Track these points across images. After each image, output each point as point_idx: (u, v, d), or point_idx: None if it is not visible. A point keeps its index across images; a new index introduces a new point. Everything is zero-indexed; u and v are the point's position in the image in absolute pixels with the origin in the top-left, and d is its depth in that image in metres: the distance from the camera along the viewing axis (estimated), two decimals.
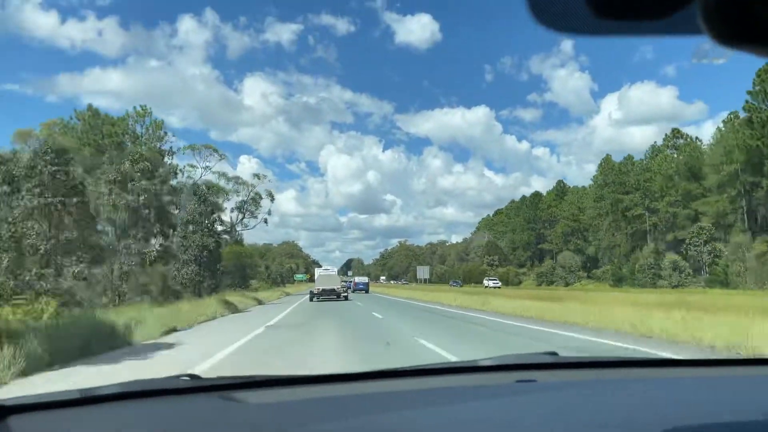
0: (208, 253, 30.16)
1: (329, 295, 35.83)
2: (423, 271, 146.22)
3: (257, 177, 55.07)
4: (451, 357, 9.17)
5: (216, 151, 53.48)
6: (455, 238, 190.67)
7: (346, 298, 37.52)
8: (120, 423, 1.34)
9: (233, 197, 54.10)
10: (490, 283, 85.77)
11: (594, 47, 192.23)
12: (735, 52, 0.51)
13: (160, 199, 21.60)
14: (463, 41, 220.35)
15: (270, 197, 56.85)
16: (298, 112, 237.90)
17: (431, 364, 2.11)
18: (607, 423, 1.28)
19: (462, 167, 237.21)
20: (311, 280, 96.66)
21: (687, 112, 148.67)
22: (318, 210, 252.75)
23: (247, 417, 1.37)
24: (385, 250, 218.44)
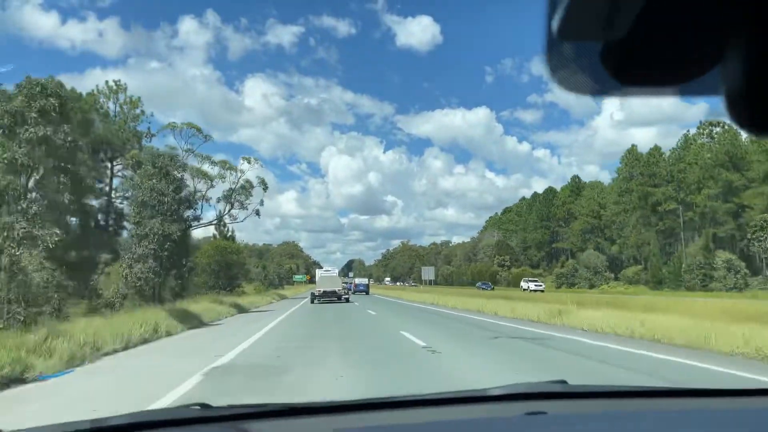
0: (172, 245, 22.57)
1: (330, 297, 35.16)
2: (428, 272, 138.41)
3: (247, 161, 47.51)
4: None
5: (199, 131, 45.98)
6: (456, 239, 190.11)
7: (347, 299, 36.52)
8: None
9: (219, 184, 46.55)
10: (531, 286, 70.63)
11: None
12: (743, 130, 0.52)
13: (73, 155, 14.24)
14: (464, 43, 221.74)
15: (262, 185, 49.23)
16: (299, 113, 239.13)
17: (442, 393, 1.99)
18: None
19: (463, 168, 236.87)
20: (311, 281, 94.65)
21: (689, 113, 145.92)
22: (319, 211, 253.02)
23: None
24: (387, 250, 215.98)
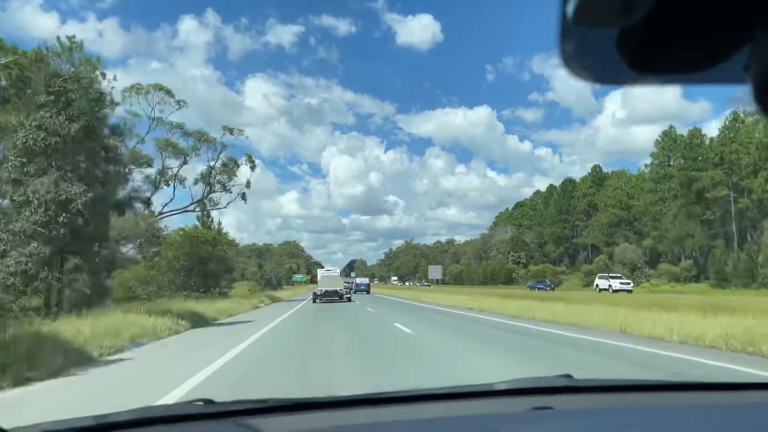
0: (75, 220, 13.58)
1: (332, 296, 34.91)
2: (435, 271, 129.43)
3: (229, 131, 38.47)
4: None
5: (170, 95, 36.97)
6: (459, 238, 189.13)
7: (349, 299, 36.00)
8: None
9: (196, 162, 37.56)
10: (614, 284, 52.76)
11: None
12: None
13: None
14: (465, 41, 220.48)
15: (249, 162, 40.20)
16: (299, 113, 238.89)
17: (446, 387, 1.92)
18: None
19: (464, 168, 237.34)
20: (312, 281, 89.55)
21: (691, 110, 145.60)
22: (320, 211, 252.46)
23: None
24: (390, 250, 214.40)
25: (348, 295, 36.97)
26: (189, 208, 38.95)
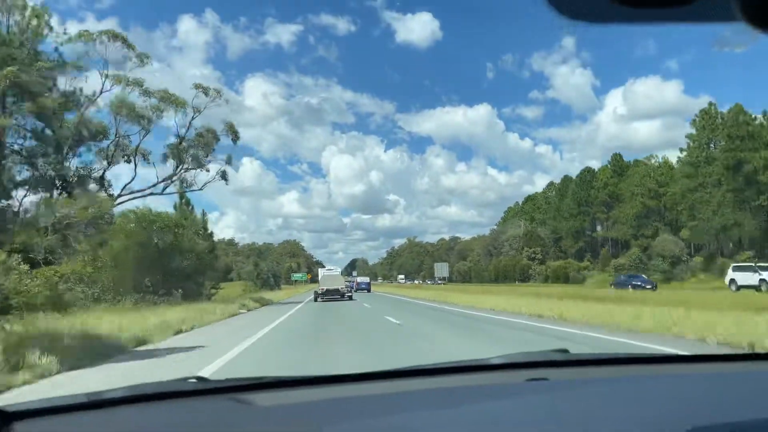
0: None
1: (333, 295, 34.98)
2: (442, 269, 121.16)
3: (203, 91, 30.58)
4: None
5: (128, 46, 29.17)
6: (463, 236, 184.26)
7: (350, 297, 36.13)
8: (128, 427, 1.36)
9: (157, 125, 29.78)
10: (763, 275, 34.42)
11: (596, 43, 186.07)
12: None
13: None
14: (464, 39, 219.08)
15: (231, 134, 32.35)
16: (299, 112, 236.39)
17: (440, 363, 1.96)
18: (624, 421, 1.25)
19: (465, 166, 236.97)
20: (313, 280, 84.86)
21: (693, 106, 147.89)
22: (321, 211, 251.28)
23: (256, 419, 1.38)
24: (392, 248, 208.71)
25: (349, 294, 36.59)
26: (158, 190, 31.14)
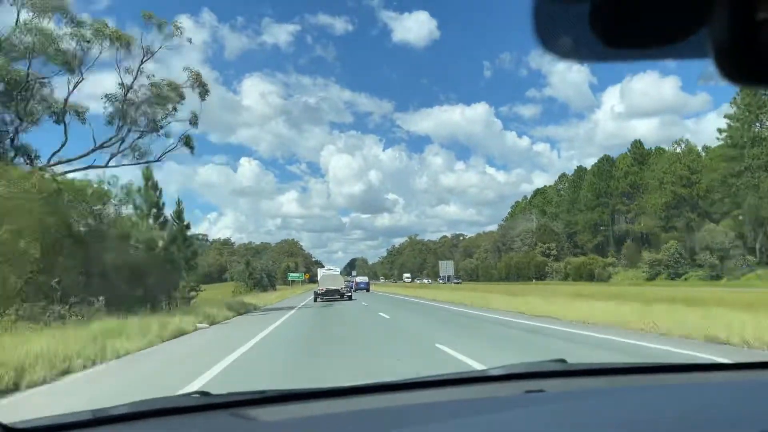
0: None
1: (333, 295, 33.85)
2: (446, 267, 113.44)
3: (156, 25, 22.74)
4: None
5: None
6: (467, 233, 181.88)
7: (350, 297, 35.07)
8: None
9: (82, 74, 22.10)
10: None
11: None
12: (738, 85, 0.51)
13: None
14: (461, 38, 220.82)
15: (198, 87, 24.61)
16: (297, 112, 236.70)
17: (440, 375, 1.95)
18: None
19: (463, 165, 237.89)
20: (312, 280, 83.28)
21: (691, 103, 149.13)
22: (320, 211, 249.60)
23: None
24: (393, 246, 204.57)
25: (349, 294, 35.98)
26: (101, 162, 23.33)
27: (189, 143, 24.13)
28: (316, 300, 33.77)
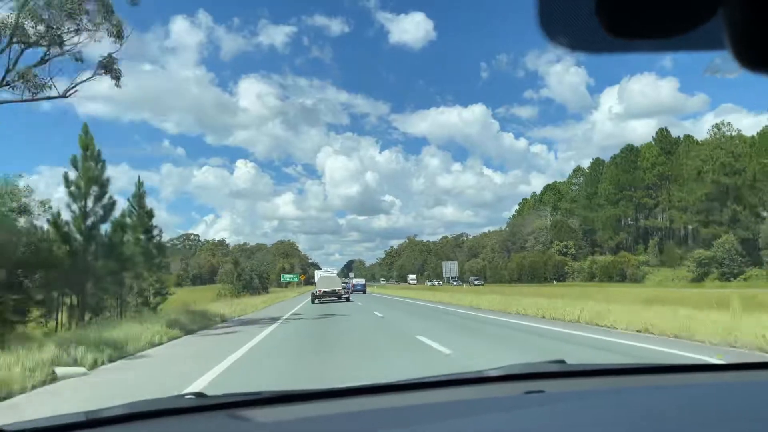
0: None
1: (330, 297, 34.66)
2: (450, 268, 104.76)
3: None
4: None
5: None
6: (468, 233, 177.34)
7: (347, 299, 35.68)
8: None
9: None
10: None
11: None
12: (753, 72, 0.49)
13: None
14: (458, 39, 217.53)
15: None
16: (293, 114, 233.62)
17: (440, 376, 1.95)
18: None
19: (460, 166, 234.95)
20: (308, 282, 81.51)
21: (689, 104, 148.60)
22: (316, 213, 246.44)
23: None
24: (391, 248, 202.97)
25: (346, 295, 36.47)
26: None
27: (111, 68, 15.54)
28: (314, 302, 33.65)
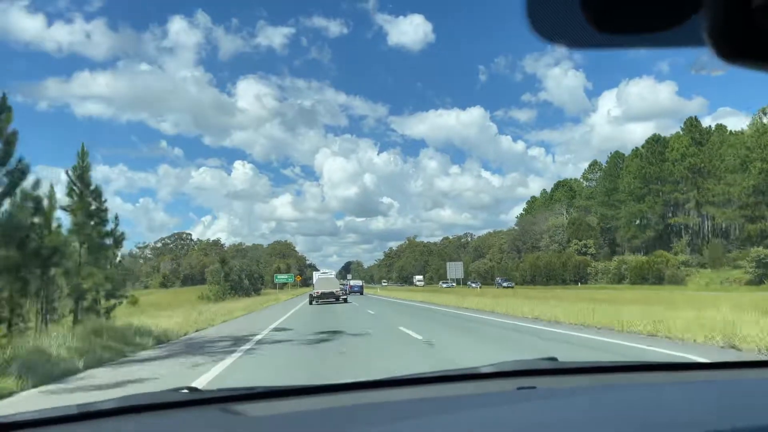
0: None
1: (328, 298, 34.61)
2: (455, 269, 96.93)
3: None
4: None
5: None
6: (473, 233, 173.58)
7: (345, 300, 35.97)
8: None
9: None
10: None
11: None
12: (736, 66, 0.49)
13: None
14: (457, 42, 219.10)
15: None
16: (292, 115, 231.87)
17: (433, 372, 1.96)
18: (608, 430, 1.27)
19: (458, 168, 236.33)
20: (305, 283, 78.90)
21: (687, 107, 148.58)
22: (314, 214, 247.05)
23: (247, 430, 1.39)
24: (390, 249, 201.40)
25: (344, 296, 36.49)
26: None
27: None
28: (311, 303, 33.54)
